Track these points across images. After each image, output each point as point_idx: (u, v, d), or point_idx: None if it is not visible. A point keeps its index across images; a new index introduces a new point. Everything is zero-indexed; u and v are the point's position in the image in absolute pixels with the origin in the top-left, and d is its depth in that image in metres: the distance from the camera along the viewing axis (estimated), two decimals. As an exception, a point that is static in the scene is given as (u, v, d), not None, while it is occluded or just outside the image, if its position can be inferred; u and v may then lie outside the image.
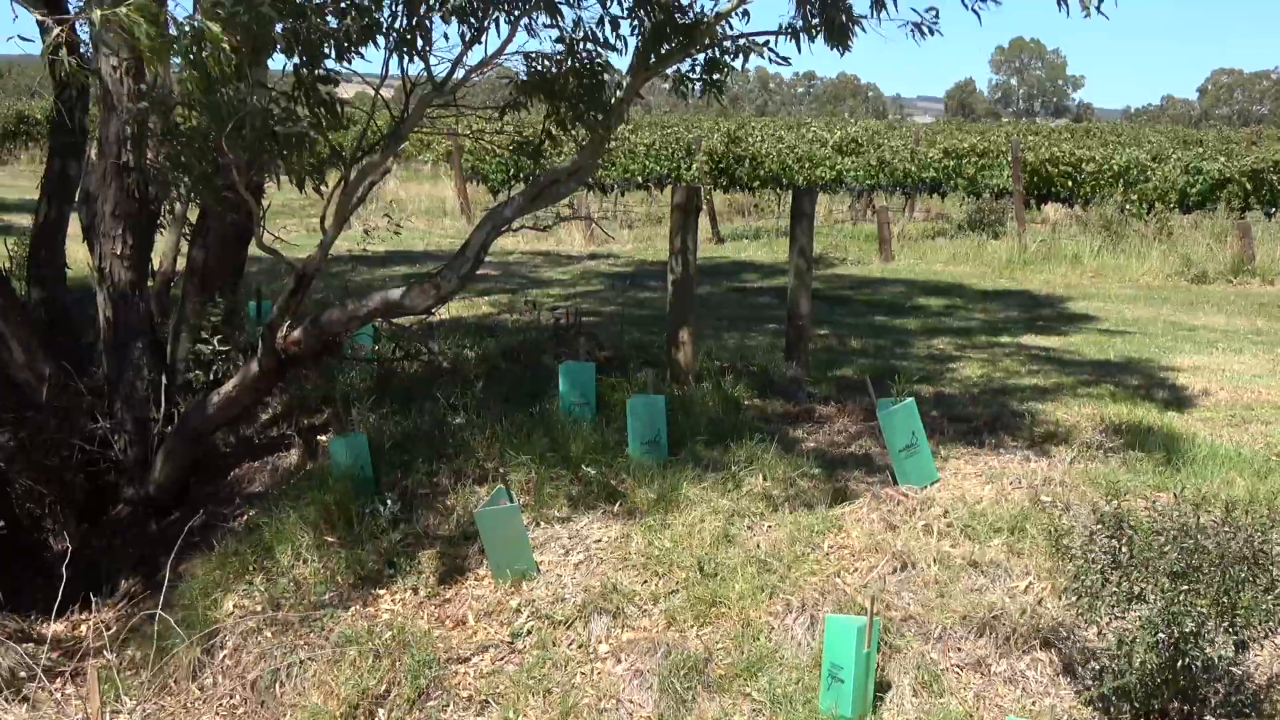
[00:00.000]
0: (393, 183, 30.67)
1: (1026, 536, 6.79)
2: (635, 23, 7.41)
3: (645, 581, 6.82)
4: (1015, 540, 6.80)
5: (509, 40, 7.08)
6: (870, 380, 8.47)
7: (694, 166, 23.48)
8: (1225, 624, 5.40)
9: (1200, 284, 17.42)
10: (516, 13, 6.57)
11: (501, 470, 7.63)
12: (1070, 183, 21.30)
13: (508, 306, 13.11)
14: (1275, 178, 20.24)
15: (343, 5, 6.27)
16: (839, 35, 7.46)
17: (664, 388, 8.78)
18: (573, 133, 8.15)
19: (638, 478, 7.59)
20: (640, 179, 24.18)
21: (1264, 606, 5.40)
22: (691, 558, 6.83)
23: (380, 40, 6.72)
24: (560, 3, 6.94)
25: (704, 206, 9.42)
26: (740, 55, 7.95)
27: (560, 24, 7.13)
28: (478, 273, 8.14)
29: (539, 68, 7.54)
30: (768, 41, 7.95)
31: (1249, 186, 20.30)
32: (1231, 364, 11.22)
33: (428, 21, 6.53)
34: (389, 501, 7.59)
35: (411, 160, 35.62)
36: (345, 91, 7.24)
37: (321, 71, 6.50)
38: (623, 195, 25.17)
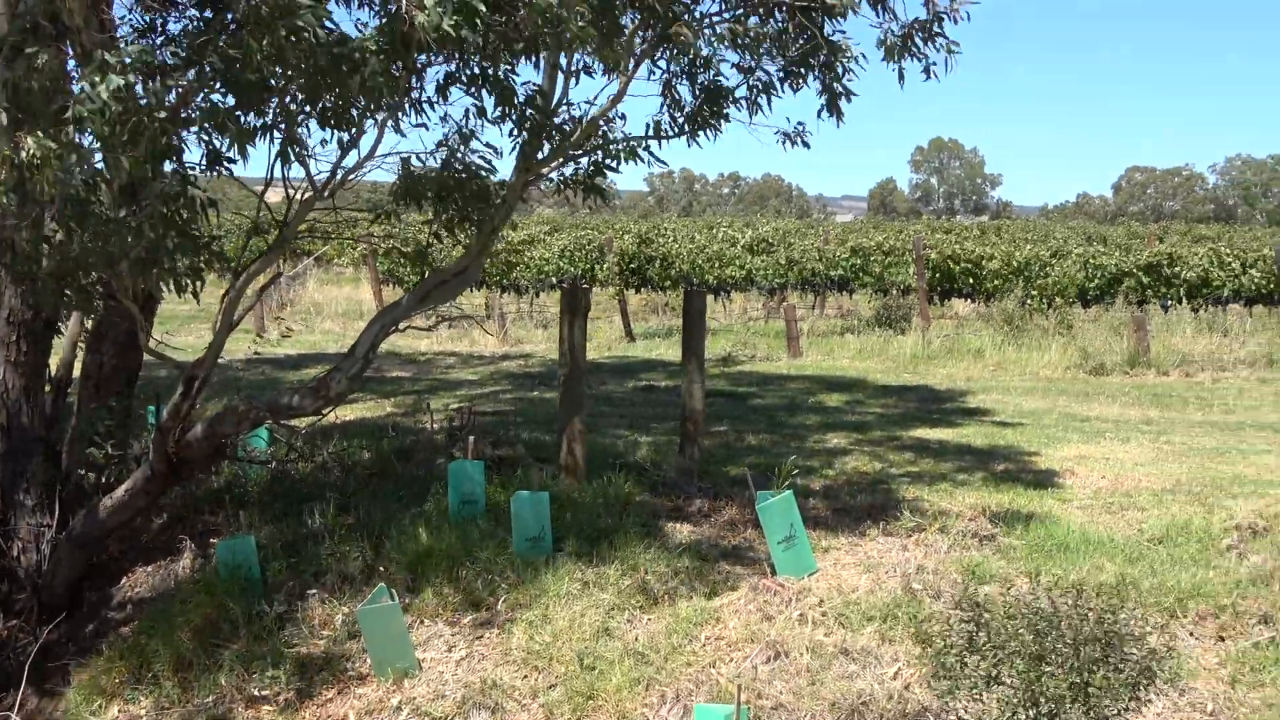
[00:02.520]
0: (311, 285, 30.78)
1: (898, 624, 6.96)
2: (514, 127, 7.63)
3: (525, 676, 6.90)
4: (887, 628, 6.95)
5: (379, 142, 7.26)
6: (752, 474, 8.66)
7: (606, 267, 23.77)
8: (1081, 705, 5.56)
9: (1098, 375, 17.83)
10: (381, 114, 6.74)
11: (385, 569, 7.71)
12: (972, 279, 21.78)
13: (411, 407, 13.19)
14: (1170, 272, 20.83)
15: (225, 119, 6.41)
16: (702, 125, 7.78)
17: (553, 485, 8.91)
18: (458, 236, 8.32)
19: (521, 574, 7.68)
20: (555, 279, 24.43)
21: (1116, 686, 5.57)
22: (571, 652, 6.92)
23: (263, 147, 6.87)
24: (425, 101, 7.13)
25: (591, 307, 9.60)
26: (621, 158, 8.20)
27: (425, 120, 7.31)
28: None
29: (417, 171, 7.72)
30: (647, 145, 8.23)
31: (1145, 280, 20.88)
32: (1117, 453, 11.52)
33: (303, 129, 6.68)
34: (275, 603, 7.63)
35: (332, 264, 35.74)
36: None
37: (193, 183, 6.63)
38: (538, 295, 25.41)
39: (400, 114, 6.84)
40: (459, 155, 7.65)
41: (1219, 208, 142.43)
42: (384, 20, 6.12)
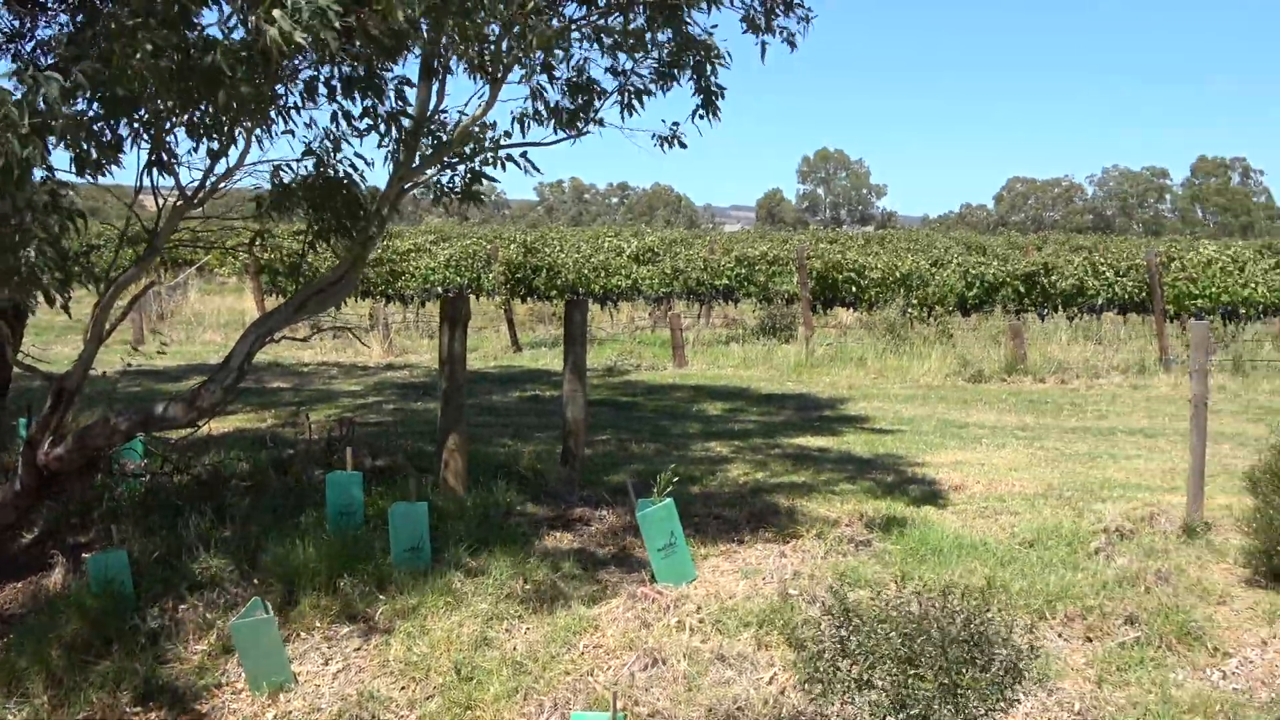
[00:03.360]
0: (193, 295, 30.31)
1: (774, 630, 7.03)
2: (383, 134, 7.59)
3: (403, 688, 6.85)
4: (764, 634, 7.02)
5: (246, 150, 7.18)
6: (635, 483, 8.69)
7: (492, 277, 23.71)
8: (950, 705, 5.64)
9: (976, 383, 18.15)
10: (249, 123, 6.68)
11: (261, 582, 7.62)
12: (854, 288, 22.04)
13: (291, 419, 13.03)
14: (1047, 281, 21.26)
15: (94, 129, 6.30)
16: (568, 122, 7.83)
17: (433, 495, 8.87)
18: (332, 245, 8.26)
19: (399, 585, 7.63)
20: (441, 289, 24.29)
21: (984, 686, 5.67)
22: (449, 662, 6.89)
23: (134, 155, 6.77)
24: (292, 107, 7.08)
25: (471, 317, 9.56)
26: (499, 164, 8.20)
27: (293, 127, 7.26)
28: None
29: (288, 179, 7.65)
30: (525, 152, 8.25)
31: (1023, 290, 21.29)
32: (992, 458, 11.74)
33: (171, 137, 6.60)
34: (148, 618, 7.50)
35: (214, 273, 35.22)
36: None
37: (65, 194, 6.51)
38: (423, 305, 25.24)
39: (266, 123, 6.78)
40: (329, 163, 7.60)
41: (1098, 218, 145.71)
42: (246, 33, 6.07)
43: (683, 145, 8.60)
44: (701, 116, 8.47)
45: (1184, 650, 7.30)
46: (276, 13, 5.45)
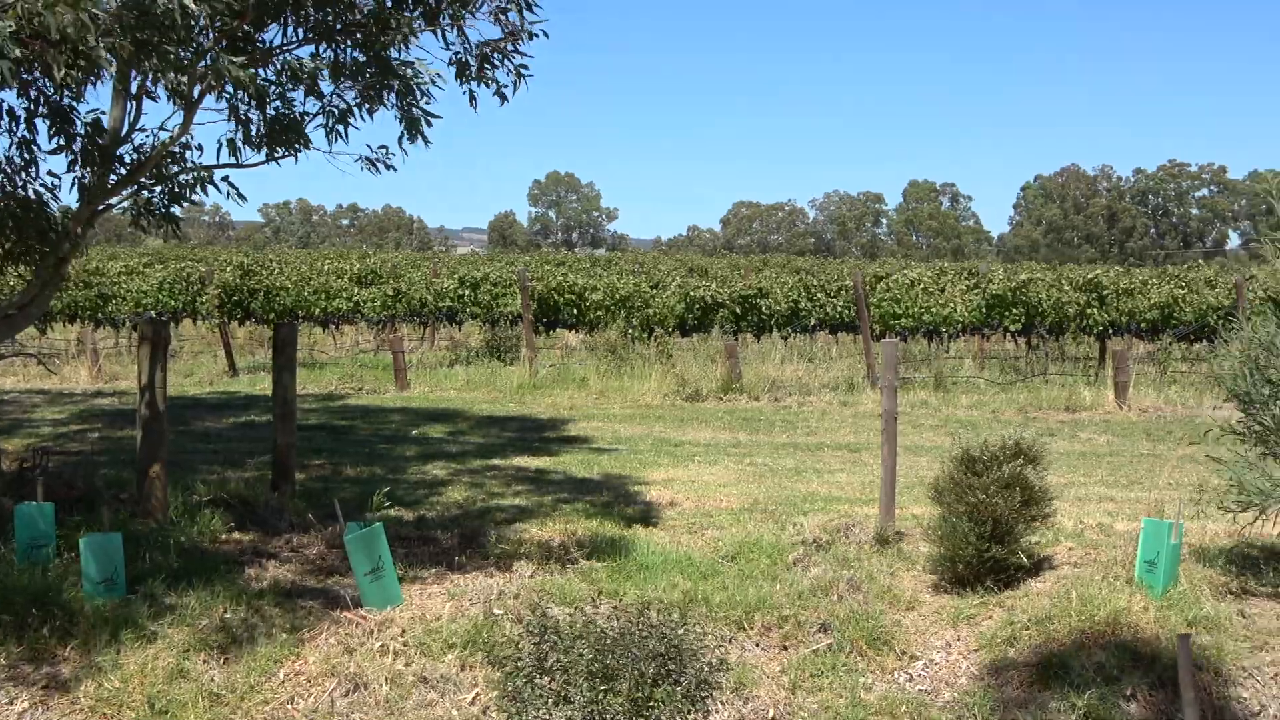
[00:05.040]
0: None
1: (479, 650, 7.05)
2: (74, 157, 7.36)
3: (94, 725, 6.62)
4: (468, 655, 7.04)
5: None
6: (348, 507, 8.61)
7: (207, 300, 23.10)
8: (642, 719, 5.78)
9: (694, 401, 18.55)
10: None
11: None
12: (576, 310, 22.27)
13: (-15, 449, 12.43)
14: (762, 303, 21.89)
15: None
16: (284, 141, 7.74)
17: (133, 525, 8.60)
18: (20, 268, 7.96)
19: (91, 619, 7.36)
20: (155, 312, 23.51)
21: (677, 699, 5.83)
22: (142, 696, 6.69)
23: None
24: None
25: (171, 340, 9.32)
26: (197, 187, 8.04)
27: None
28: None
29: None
30: (226, 176, 8.11)
31: (739, 311, 21.87)
32: (703, 475, 12.04)
33: None
34: None
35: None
36: None
37: None
38: (134, 330, 24.38)
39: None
40: (18, 183, 7.33)
41: (819, 241, 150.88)
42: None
43: (391, 168, 8.58)
44: (411, 140, 8.46)
45: (874, 655, 7.64)
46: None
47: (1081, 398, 18.63)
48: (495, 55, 8.26)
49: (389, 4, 7.72)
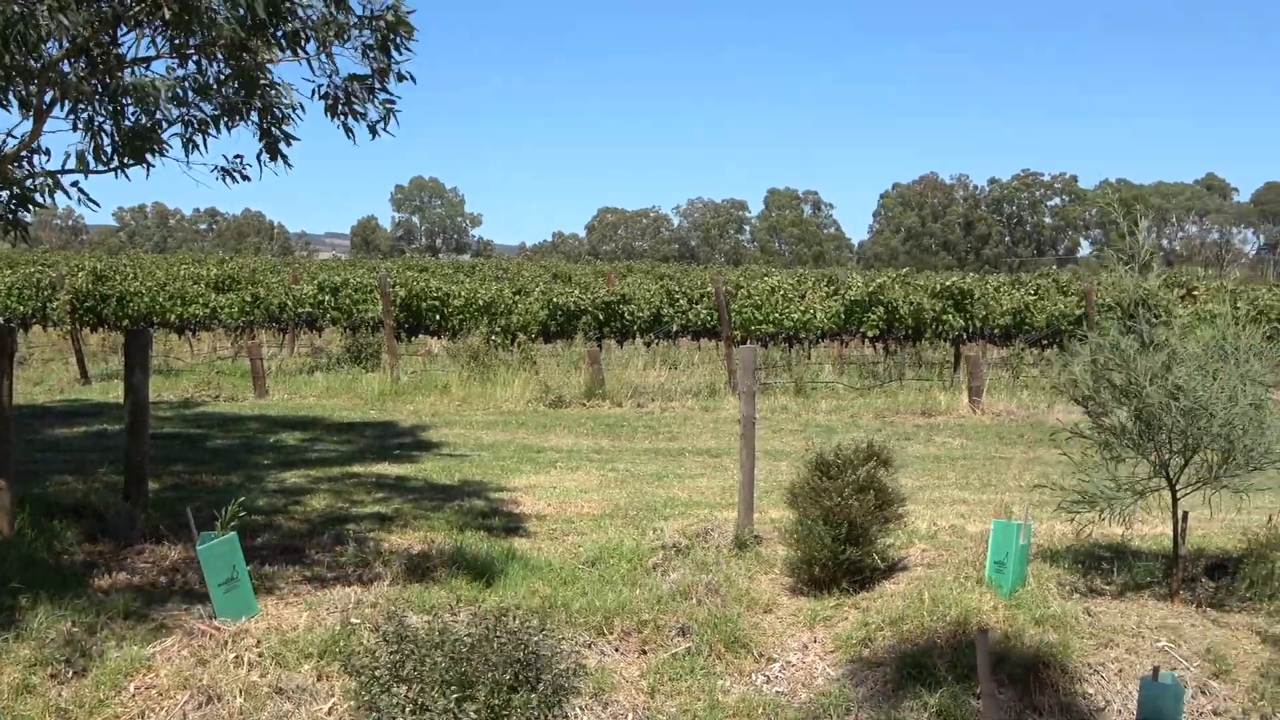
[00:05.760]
0: None
1: (335, 660, 6.97)
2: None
3: (-67, 744, 6.43)
4: (324, 664, 6.96)
5: None
6: (202, 516, 8.46)
7: (57, 305, 22.54)
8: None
9: (557, 408, 18.57)
10: None
11: None
12: (439, 316, 22.16)
13: None
14: (625, 309, 21.99)
15: None
16: (137, 151, 7.60)
17: (-25, 538, 8.36)
18: None
19: (-70, 635, 7.15)
20: (3, 318, 22.90)
21: (534, 705, 5.83)
22: (-14, 713, 6.51)
23: None
24: None
25: (16, 349, 9.07)
26: (45, 192, 7.85)
27: None
28: None
29: None
30: (76, 182, 7.93)
31: (602, 317, 21.94)
32: (565, 481, 12.06)
33: None
34: None
35: None
36: None
37: None
38: (-18, 337, 23.75)
39: None
40: None
41: (683, 247, 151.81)
42: None
43: (246, 179, 8.46)
44: (271, 160, 8.37)
45: (732, 658, 7.73)
46: None
47: (937, 402, 19.03)
48: (363, 91, 8.22)
49: (249, 24, 7.61)
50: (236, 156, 8.27)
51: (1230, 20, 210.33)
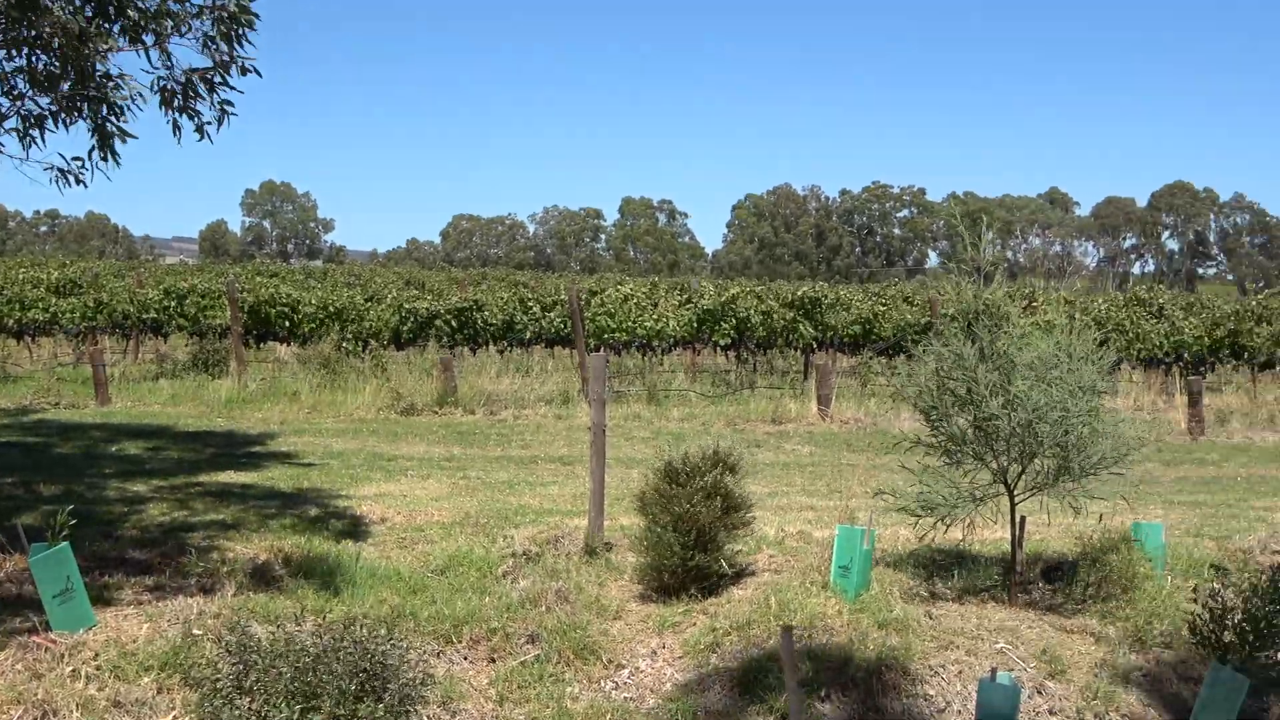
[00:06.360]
0: None
1: (177, 672, 6.85)
2: None
3: None
4: (165, 677, 6.83)
5: None
6: (34, 526, 8.25)
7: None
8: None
9: (409, 415, 18.43)
10: None
11: None
12: (288, 322, 21.87)
13: None
14: (478, 316, 21.92)
15: None
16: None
17: None
18: None
19: None
20: None
21: (380, 715, 5.79)
22: None
23: None
24: None
25: None
26: None
27: None
28: None
29: None
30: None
31: (455, 324, 21.84)
32: (416, 489, 11.97)
33: None
34: None
35: None
36: None
37: None
38: None
39: None
40: None
41: (539, 255, 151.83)
42: None
43: (81, 183, 8.24)
44: (103, 158, 8.16)
45: (581, 664, 7.76)
46: None
47: (787, 410, 19.28)
48: (201, 85, 8.05)
49: (88, 13, 7.44)
50: (75, 159, 8.07)
51: (1072, 38, 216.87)
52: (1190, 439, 18.81)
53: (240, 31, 7.96)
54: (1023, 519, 8.50)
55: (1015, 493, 8.38)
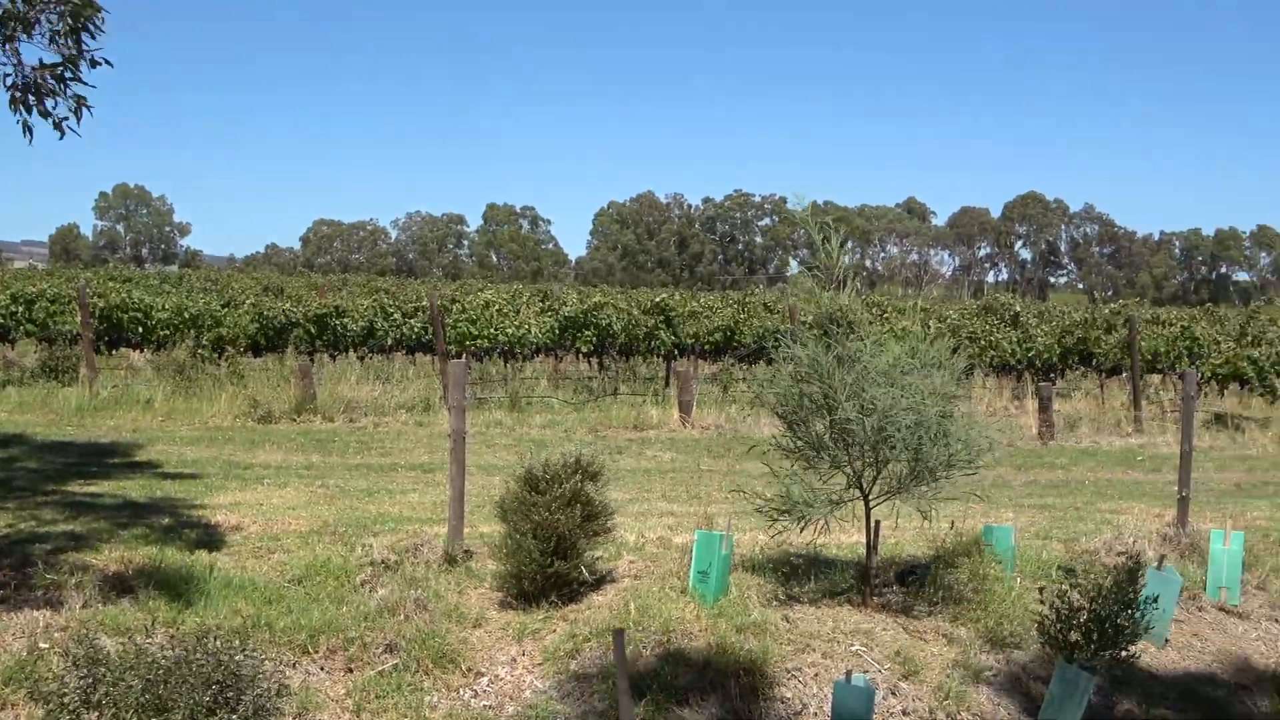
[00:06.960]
0: None
1: (22, 687, 6.67)
2: None
3: None
4: (9, 692, 6.67)
5: None
6: None
7: None
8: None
9: (266, 423, 18.14)
10: None
11: None
12: (142, 328, 21.42)
13: None
14: (338, 323, 21.69)
15: None
16: None
17: None
18: None
19: None
20: None
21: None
22: None
23: None
24: None
25: None
26: None
27: None
28: None
29: None
30: None
31: (314, 331, 21.59)
32: (272, 498, 11.80)
33: None
34: None
35: None
36: None
37: None
38: None
39: None
40: None
41: (401, 260, 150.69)
42: None
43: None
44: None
45: (440, 673, 7.73)
46: None
47: (649, 416, 19.38)
48: (52, 81, 7.83)
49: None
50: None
51: (928, 50, 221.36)
52: (1041, 443, 19.31)
53: (85, 24, 7.77)
54: (877, 523, 8.67)
55: (870, 497, 8.54)
